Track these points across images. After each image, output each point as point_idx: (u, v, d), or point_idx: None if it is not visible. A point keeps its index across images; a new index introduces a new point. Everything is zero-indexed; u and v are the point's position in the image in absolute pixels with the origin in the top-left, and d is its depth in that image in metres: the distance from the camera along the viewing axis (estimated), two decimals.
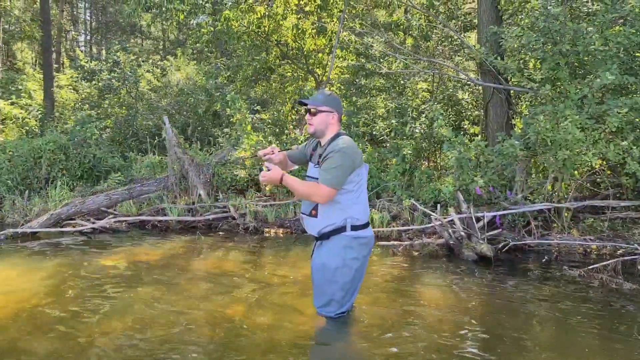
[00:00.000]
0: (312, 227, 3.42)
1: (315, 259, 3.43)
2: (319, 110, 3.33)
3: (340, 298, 3.35)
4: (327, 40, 10.10)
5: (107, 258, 5.62)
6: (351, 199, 3.28)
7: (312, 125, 3.36)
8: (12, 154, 9.58)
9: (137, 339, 3.25)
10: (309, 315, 3.71)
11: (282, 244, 6.57)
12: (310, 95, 11.49)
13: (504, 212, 5.80)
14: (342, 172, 3.17)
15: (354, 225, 3.30)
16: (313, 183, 3.25)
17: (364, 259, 3.40)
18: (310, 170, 3.47)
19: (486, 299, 4.15)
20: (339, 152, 3.17)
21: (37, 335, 3.30)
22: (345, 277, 3.31)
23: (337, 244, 3.31)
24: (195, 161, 8.15)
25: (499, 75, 7.65)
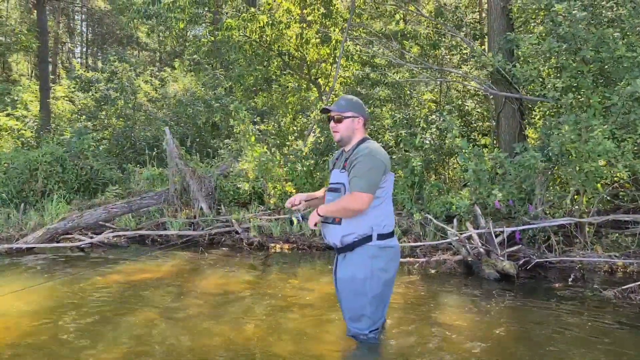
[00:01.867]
0: (334, 235, 3.16)
1: (341, 272, 3.18)
2: (344, 116, 3.16)
3: (371, 313, 3.10)
4: (331, 49, 9.90)
5: (106, 276, 5.32)
6: (377, 205, 3.07)
7: (338, 133, 3.19)
8: (8, 166, 9.28)
9: None
10: (329, 341, 3.44)
11: (289, 261, 6.28)
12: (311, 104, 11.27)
13: (525, 227, 5.53)
14: (375, 176, 2.99)
15: (381, 234, 3.08)
16: (346, 195, 3.05)
17: (393, 270, 3.17)
18: (333, 177, 3.25)
19: (515, 324, 3.84)
20: (369, 155, 3.00)
21: (35, 357, 3.00)
22: (374, 290, 3.07)
23: (363, 255, 3.08)
24: (197, 173, 7.87)
25: (511, 84, 7.44)
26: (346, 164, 3.10)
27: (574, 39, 5.34)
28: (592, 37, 5.30)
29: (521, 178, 5.79)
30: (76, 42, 35.79)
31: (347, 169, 3.07)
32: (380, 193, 3.07)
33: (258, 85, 11.44)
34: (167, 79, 14.83)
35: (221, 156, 9.02)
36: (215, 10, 11.16)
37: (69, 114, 16.49)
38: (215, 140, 12.45)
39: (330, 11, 9.75)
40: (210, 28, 11.09)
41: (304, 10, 10.17)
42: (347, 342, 3.40)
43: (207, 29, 11.34)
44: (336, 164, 3.31)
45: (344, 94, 11.15)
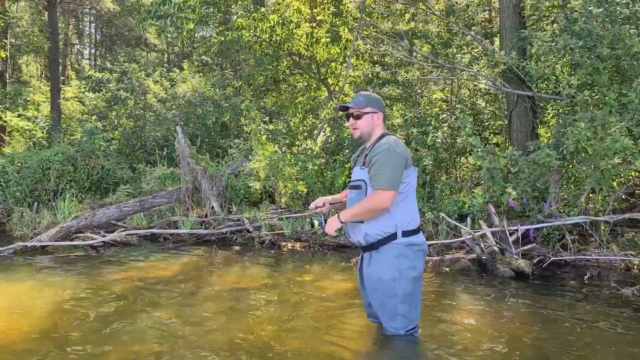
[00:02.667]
0: (357, 233, 3.12)
1: (369, 274, 3.14)
2: (363, 112, 3.12)
3: (404, 312, 3.05)
4: (341, 48, 9.89)
5: (120, 274, 5.34)
6: (400, 202, 3.01)
7: (358, 129, 3.15)
8: (21, 166, 9.35)
9: None
10: (346, 337, 3.43)
11: (301, 259, 6.27)
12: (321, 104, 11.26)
13: (539, 225, 5.50)
14: (396, 171, 2.94)
15: (405, 231, 3.02)
16: (368, 197, 3.01)
17: (421, 267, 3.12)
18: (355, 174, 3.21)
19: (533, 322, 3.80)
20: (388, 151, 2.95)
21: (52, 357, 3.01)
22: (404, 289, 3.02)
23: (389, 254, 3.03)
24: (208, 172, 7.88)
25: (524, 83, 7.39)
26: (366, 160, 3.06)
27: (589, 35, 5.30)
28: (607, 33, 5.26)
29: (535, 176, 5.75)
30: (85, 44, 36.02)
31: (367, 166, 3.03)
32: (403, 188, 3.01)
33: (267, 85, 11.45)
34: (176, 79, 14.87)
35: (231, 155, 9.03)
36: (226, 10, 11.18)
37: (79, 114, 16.61)
38: (224, 140, 12.48)
39: (340, 10, 9.74)
40: (220, 28, 11.10)
41: (314, 9, 10.17)
42: (364, 338, 3.39)
43: (217, 29, 11.36)
44: (357, 161, 3.27)
45: (355, 93, 11.15)
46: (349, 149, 8.02)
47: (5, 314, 3.89)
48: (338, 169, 7.94)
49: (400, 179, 2.97)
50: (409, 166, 3.04)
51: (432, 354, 3.08)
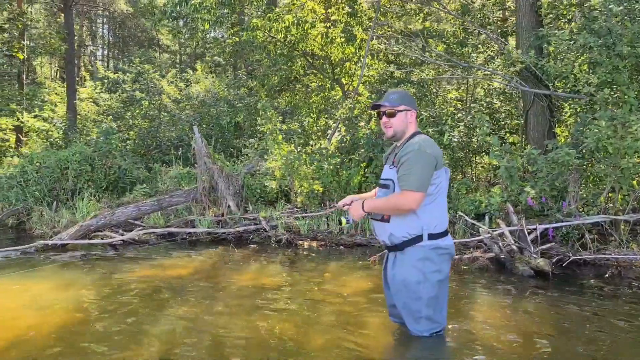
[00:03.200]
0: (382, 232, 3.13)
1: (393, 275, 3.13)
2: (397, 110, 3.08)
3: (428, 315, 3.04)
4: (356, 48, 9.90)
5: (141, 271, 5.41)
6: (428, 203, 2.97)
7: (391, 128, 3.10)
8: (39, 165, 9.48)
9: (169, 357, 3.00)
10: (368, 334, 3.45)
11: (318, 258, 6.30)
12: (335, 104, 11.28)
13: (558, 224, 5.48)
14: (425, 173, 2.89)
15: (432, 234, 2.99)
16: (395, 193, 2.99)
17: (447, 269, 3.09)
18: (384, 173, 3.18)
19: (555, 320, 3.80)
20: (418, 151, 2.90)
21: (74, 355, 3.05)
22: (429, 292, 3.00)
23: (414, 257, 3.01)
24: (225, 172, 7.94)
25: (541, 82, 7.36)
26: (395, 159, 3.03)
27: (609, 34, 5.27)
28: (628, 32, 5.22)
29: (554, 175, 5.73)
30: (98, 45, 36.37)
31: (396, 165, 3.00)
32: (432, 190, 2.96)
33: (282, 85, 11.49)
34: (191, 79, 14.98)
35: (247, 155, 9.09)
36: (241, 11, 11.25)
37: (94, 114, 16.79)
38: (238, 140, 12.56)
39: (355, 10, 9.75)
40: (235, 29, 11.17)
41: (328, 9, 10.19)
42: (387, 335, 3.41)
43: (232, 30, 11.42)
44: (388, 159, 3.24)
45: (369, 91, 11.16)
46: (364, 148, 8.04)
47: (32, 310, 3.96)
48: (353, 168, 7.95)
49: (430, 180, 2.93)
50: (440, 167, 2.98)
51: (455, 352, 3.09)
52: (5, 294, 4.48)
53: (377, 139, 8.06)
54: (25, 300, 4.23)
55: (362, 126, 8.54)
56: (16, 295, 4.42)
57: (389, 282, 3.23)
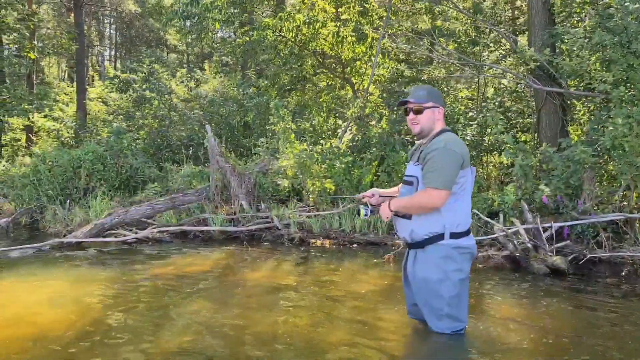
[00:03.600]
0: (403, 229, 3.12)
1: (414, 273, 3.12)
2: (425, 107, 3.04)
3: (450, 313, 3.03)
4: (367, 47, 9.91)
5: (157, 268, 5.45)
6: (452, 202, 2.95)
7: (418, 125, 3.07)
8: (52, 164, 9.55)
9: (204, 356, 3.01)
10: (387, 330, 3.46)
11: (332, 256, 6.32)
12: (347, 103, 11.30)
13: (574, 222, 5.47)
14: (451, 171, 2.87)
15: (454, 233, 2.98)
16: (419, 192, 2.98)
17: (468, 268, 3.08)
18: (408, 170, 3.17)
19: (576, 318, 3.81)
20: (444, 149, 2.88)
21: (95, 349, 3.09)
22: (450, 291, 2.99)
23: (435, 255, 3.00)
24: (237, 170, 7.98)
25: (554, 80, 7.35)
26: (420, 156, 3.01)
27: (624, 31, 5.26)
28: None
29: (568, 173, 5.73)
30: (105, 45, 36.55)
31: (421, 162, 2.98)
32: (456, 189, 2.94)
33: (292, 85, 11.52)
34: (201, 79, 15.05)
35: (258, 154, 9.12)
36: (251, 10, 11.29)
37: (103, 114, 16.89)
38: (248, 140, 12.60)
39: (366, 9, 9.77)
40: (246, 28, 11.22)
41: (339, 9, 10.21)
42: (405, 332, 3.41)
43: (243, 29, 11.47)
44: (413, 155, 3.21)
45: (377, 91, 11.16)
46: (375, 147, 8.06)
47: (52, 306, 3.99)
48: (365, 167, 7.97)
49: (455, 179, 2.90)
50: (466, 166, 2.96)
51: (475, 349, 3.09)
52: (25, 290, 4.53)
53: (388, 138, 8.08)
54: (45, 297, 4.26)
55: (373, 125, 8.55)
56: (36, 291, 4.46)
57: (409, 279, 3.22)
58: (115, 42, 37.16)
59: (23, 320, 3.64)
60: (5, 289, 4.56)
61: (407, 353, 3.20)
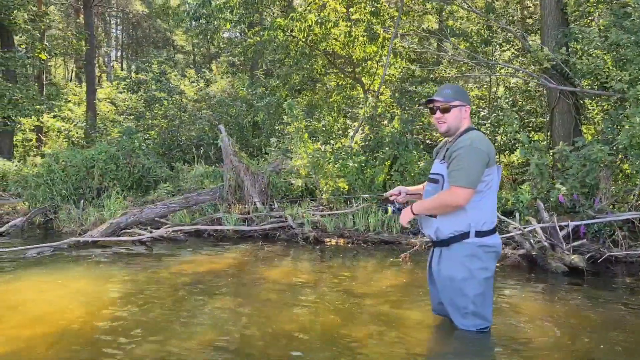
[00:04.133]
0: (429, 227, 3.15)
1: (439, 271, 3.15)
2: (452, 105, 3.05)
3: (475, 311, 3.05)
4: (378, 47, 9.94)
5: (175, 266, 5.49)
6: (477, 201, 2.96)
7: (445, 123, 3.08)
8: (65, 164, 9.62)
9: (231, 351, 3.05)
10: (410, 326, 3.48)
11: (347, 254, 6.35)
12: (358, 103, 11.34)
13: (591, 221, 5.48)
14: (476, 169, 2.88)
15: (479, 231, 2.99)
16: (443, 191, 3.00)
17: (494, 267, 3.09)
18: (434, 167, 3.19)
19: (599, 315, 3.82)
20: (470, 147, 2.89)
21: (123, 347, 3.12)
22: (474, 289, 3.01)
23: (460, 253, 3.02)
24: (251, 170, 8.03)
25: (567, 79, 7.36)
26: (446, 154, 3.02)
27: None
28: None
29: (584, 172, 5.74)
30: (112, 46, 36.69)
31: (447, 160, 2.99)
32: (482, 187, 2.94)
33: (302, 85, 11.56)
34: (212, 79, 15.12)
35: (269, 153, 9.17)
36: (262, 10, 11.34)
37: (112, 114, 16.99)
38: (257, 140, 12.66)
39: (377, 9, 9.79)
40: (257, 28, 11.27)
41: (350, 9, 10.23)
42: (429, 329, 3.44)
43: (253, 30, 11.53)
44: (438, 153, 3.24)
45: (388, 90, 11.19)
46: (388, 146, 8.08)
47: (75, 303, 4.03)
48: (378, 166, 8.00)
49: (480, 177, 2.91)
50: (492, 164, 2.96)
51: (500, 345, 3.11)
52: (48, 288, 4.57)
53: (400, 137, 8.10)
54: (69, 294, 4.31)
55: (385, 124, 8.57)
56: (59, 289, 4.51)
57: (434, 277, 3.25)
58: (122, 42, 37.32)
59: (49, 317, 3.69)
60: (30, 287, 4.61)
61: (432, 348, 3.24)
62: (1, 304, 4.01)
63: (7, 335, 3.28)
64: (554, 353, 3.04)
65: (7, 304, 4.00)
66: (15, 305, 3.97)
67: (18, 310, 3.85)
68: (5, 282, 4.80)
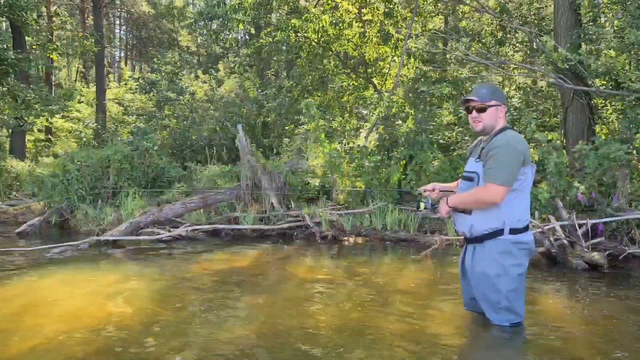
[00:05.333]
0: (463, 224, 3.20)
1: (472, 267, 3.21)
2: (488, 105, 3.10)
3: (508, 307, 3.12)
4: (391, 48, 10.01)
5: (197, 265, 5.54)
6: (512, 198, 3.02)
7: (481, 123, 3.13)
8: (81, 164, 9.71)
9: (264, 346, 3.10)
10: (442, 322, 3.55)
11: (367, 253, 6.43)
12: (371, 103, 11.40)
13: (609, 219, 5.56)
14: (512, 167, 2.94)
15: (513, 228, 3.05)
16: (479, 187, 3.05)
17: (527, 263, 3.16)
18: (468, 165, 3.23)
19: (620, 314, 3.90)
20: (507, 146, 2.95)
21: (155, 342, 3.17)
22: (508, 285, 3.07)
23: (493, 250, 3.08)
24: (268, 169, 8.11)
25: (580, 79, 7.43)
26: (482, 153, 3.06)
27: None
28: None
29: (601, 171, 5.81)
30: (116, 46, 36.78)
31: (483, 159, 3.03)
32: (517, 185, 3.00)
33: (314, 85, 11.64)
34: (223, 79, 15.21)
35: (285, 153, 9.26)
36: (275, 11, 11.43)
37: (121, 115, 17.07)
38: (267, 140, 12.74)
39: (391, 10, 9.86)
40: (269, 29, 11.37)
41: (362, 9, 10.31)
42: (462, 324, 3.49)
43: (266, 30, 11.62)
44: (473, 152, 3.28)
45: (400, 91, 11.26)
46: (404, 146, 8.16)
47: (108, 301, 4.10)
48: (393, 165, 8.08)
49: (516, 175, 2.96)
50: (527, 163, 3.01)
51: (532, 341, 3.16)
52: (76, 285, 4.61)
53: (416, 137, 8.18)
54: (98, 292, 4.35)
55: (399, 124, 8.65)
56: (88, 287, 4.54)
57: (467, 273, 3.32)
58: (126, 43, 37.41)
59: (83, 313, 3.74)
60: (60, 285, 4.68)
61: (465, 343, 3.29)
62: (37, 301, 4.08)
63: (46, 330, 3.35)
64: (587, 348, 3.11)
65: (45, 301, 4.07)
66: (50, 302, 4.04)
67: (54, 306, 3.92)
68: (36, 279, 4.87)
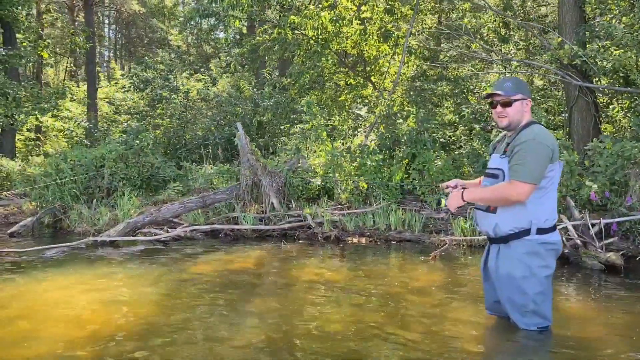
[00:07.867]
0: (487, 224, 3.05)
1: (497, 268, 3.06)
2: (514, 99, 2.95)
3: (535, 309, 2.97)
4: (391, 46, 9.89)
5: (200, 266, 5.38)
6: (539, 197, 2.88)
7: (506, 117, 2.97)
8: (74, 163, 9.45)
9: (274, 350, 2.95)
10: (460, 322, 3.43)
11: (372, 253, 6.27)
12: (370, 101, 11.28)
13: (623, 219, 5.46)
14: (540, 164, 2.80)
15: (540, 228, 2.91)
16: (503, 183, 2.90)
17: (554, 264, 3.01)
18: (492, 162, 3.08)
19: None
20: (534, 142, 2.80)
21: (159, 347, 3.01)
22: (535, 288, 2.93)
23: (519, 250, 2.94)
24: (268, 169, 7.93)
25: (586, 77, 7.35)
26: (507, 149, 2.93)
27: None
28: None
29: (613, 169, 5.72)
30: (105, 45, 36.38)
31: (508, 155, 2.90)
32: (545, 183, 2.87)
33: (312, 83, 11.49)
34: (218, 78, 15.01)
35: (284, 152, 9.09)
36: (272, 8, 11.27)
37: (112, 114, 16.77)
38: (262, 139, 12.56)
39: (392, 7, 9.74)
40: (265, 26, 11.19)
41: (361, 7, 10.17)
42: (483, 327, 3.37)
43: (263, 27, 11.45)
44: (497, 147, 3.14)
45: (400, 89, 11.13)
46: (406, 144, 8.03)
47: (108, 304, 3.91)
48: (395, 164, 7.94)
49: (544, 172, 2.83)
50: (555, 160, 2.88)
51: (561, 344, 3.04)
52: (70, 290, 4.38)
53: (418, 136, 8.05)
54: (98, 295, 4.16)
55: (400, 123, 8.52)
56: (81, 291, 4.32)
57: (491, 274, 3.17)
58: (115, 42, 37.02)
59: (81, 318, 3.57)
60: (57, 287, 4.46)
61: (489, 347, 3.17)
62: (34, 304, 3.89)
63: (44, 335, 3.19)
64: (617, 353, 2.98)
65: (41, 305, 3.88)
66: (47, 305, 3.86)
67: (51, 310, 3.74)
68: (32, 281, 4.68)
